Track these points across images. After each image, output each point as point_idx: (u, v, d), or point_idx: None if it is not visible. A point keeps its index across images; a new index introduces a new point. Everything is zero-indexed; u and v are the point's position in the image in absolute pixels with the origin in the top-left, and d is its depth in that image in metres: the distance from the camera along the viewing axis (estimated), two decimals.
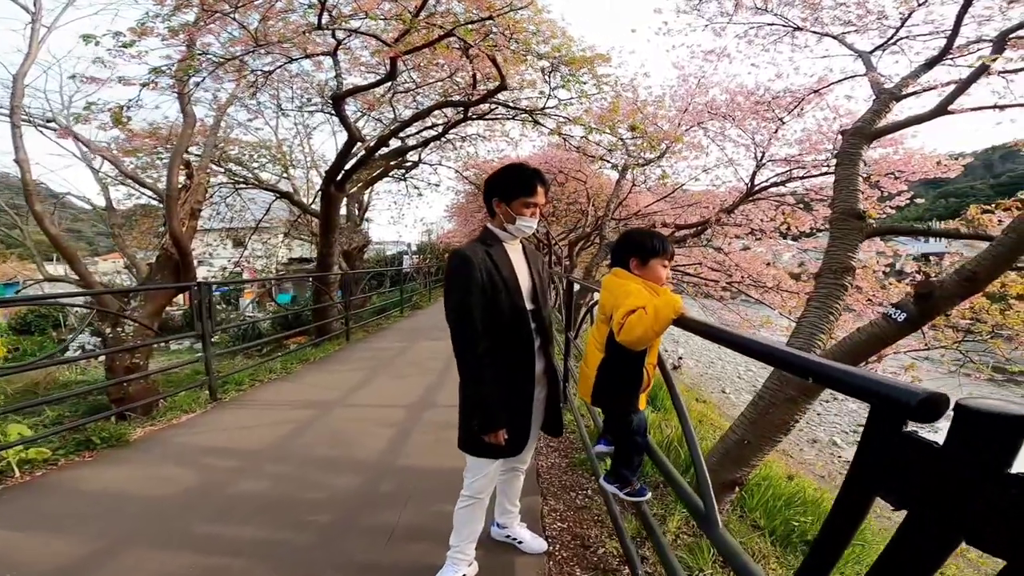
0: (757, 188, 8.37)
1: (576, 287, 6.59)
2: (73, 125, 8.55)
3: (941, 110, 3.45)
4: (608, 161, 9.07)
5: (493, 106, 8.86)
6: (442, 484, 3.07)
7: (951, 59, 3.84)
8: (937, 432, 0.63)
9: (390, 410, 4.74)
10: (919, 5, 3.97)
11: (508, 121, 9.55)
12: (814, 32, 4.70)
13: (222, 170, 11.48)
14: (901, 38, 4.36)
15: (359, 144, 8.82)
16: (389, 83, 9.91)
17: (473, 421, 1.88)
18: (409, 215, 74.78)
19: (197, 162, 8.68)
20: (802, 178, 8.17)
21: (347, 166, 8.33)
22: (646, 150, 7.65)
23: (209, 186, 11.88)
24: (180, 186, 7.99)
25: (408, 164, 14.16)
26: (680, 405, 1.80)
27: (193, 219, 7.99)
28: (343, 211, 14.39)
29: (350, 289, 9.62)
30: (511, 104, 8.42)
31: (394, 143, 11.07)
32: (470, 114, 8.89)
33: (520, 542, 2.45)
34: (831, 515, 0.75)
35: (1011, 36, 3.18)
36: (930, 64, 3.83)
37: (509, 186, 1.91)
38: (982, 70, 3.17)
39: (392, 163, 12.47)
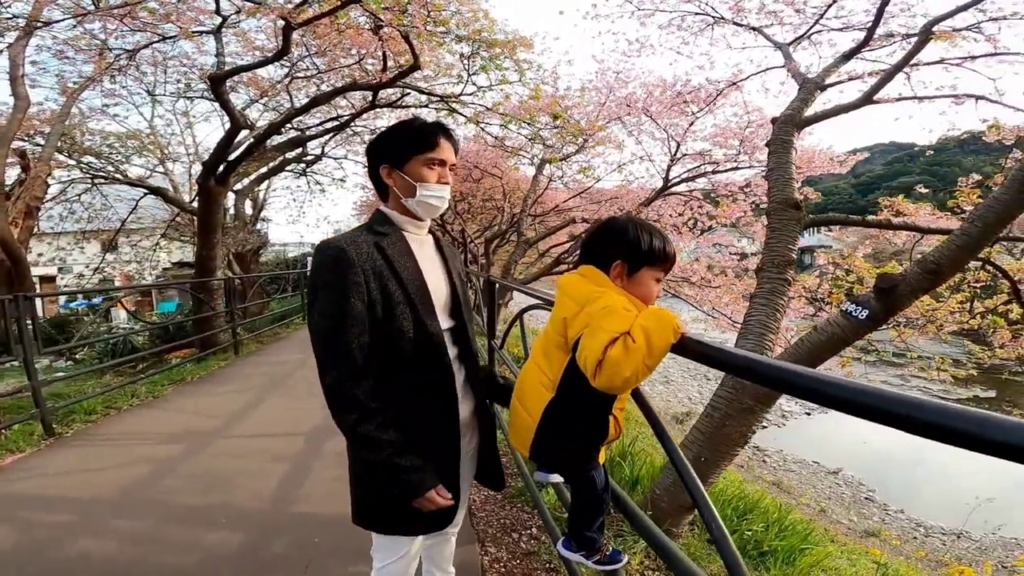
0: (671, 183, 8.48)
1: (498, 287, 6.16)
2: None
3: (868, 99, 3.45)
4: (526, 155, 8.76)
5: (405, 92, 8.19)
6: (354, 538, 2.42)
7: (869, 50, 3.88)
8: None
9: (284, 440, 3.97)
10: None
11: (422, 110, 8.90)
12: (736, 24, 4.63)
13: (74, 163, 9.71)
14: (817, 31, 4.40)
15: (246, 133, 7.76)
16: (287, 69, 9.02)
17: (393, 489, 1.27)
18: (311, 213, 70.34)
19: (38, 153, 7.19)
20: (712, 173, 8.39)
21: (230, 157, 7.24)
22: (566, 142, 7.40)
23: (59, 181, 10.10)
24: (16, 180, 6.56)
25: (309, 157, 13.00)
26: (665, 435, 1.34)
27: (29, 218, 6.55)
28: (231, 209, 12.91)
29: (237, 295, 8.47)
30: (424, 90, 7.78)
31: (292, 133, 10.02)
32: (379, 102, 8.14)
33: None
34: None
35: (935, 27, 3.16)
36: (849, 55, 3.87)
37: (400, 144, 1.32)
38: (910, 57, 3.14)
39: (289, 155, 11.28)
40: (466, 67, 6.82)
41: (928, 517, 7.17)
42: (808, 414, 11.75)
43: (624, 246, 1.20)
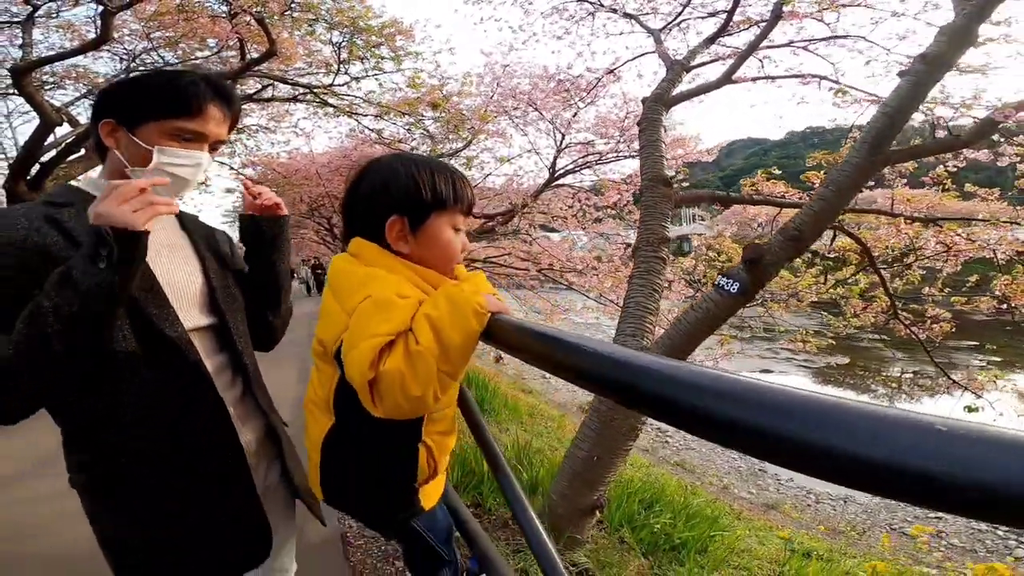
0: (558, 174, 8.55)
1: None
2: None
3: (727, 78, 3.56)
4: (406, 147, 8.38)
5: (267, 83, 7.44)
6: None
7: (729, 35, 4.08)
8: None
9: None
10: None
11: (298, 109, 8.13)
12: (613, 11, 4.72)
13: None
14: (685, 18, 4.59)
15: (70, 131, 6.57)
16: (125, 63, 7.85)
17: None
18: None
19: None
20: (596, 163, 8.59)
21: (44, 158, 6.12)
22: (451, 135, 7.14)
23: None
24: None
25: None
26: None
27: None
28: None
29: None
30: (290, 80, 7.10)
31: None
32: (240, 92, 7.29)
33: None
34: None
35: (784, 8, 3.32)
36: (711, 39, 4.03)
37: (142, 97, 0.93)
38: (763, 35, 3.29)
39: None
40: (337, 55, 6.32)
41: (815, 484, 7.56)
42: None
43: (397, 194, 0.87)
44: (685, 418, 0.39)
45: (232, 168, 11.90)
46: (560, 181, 8.80)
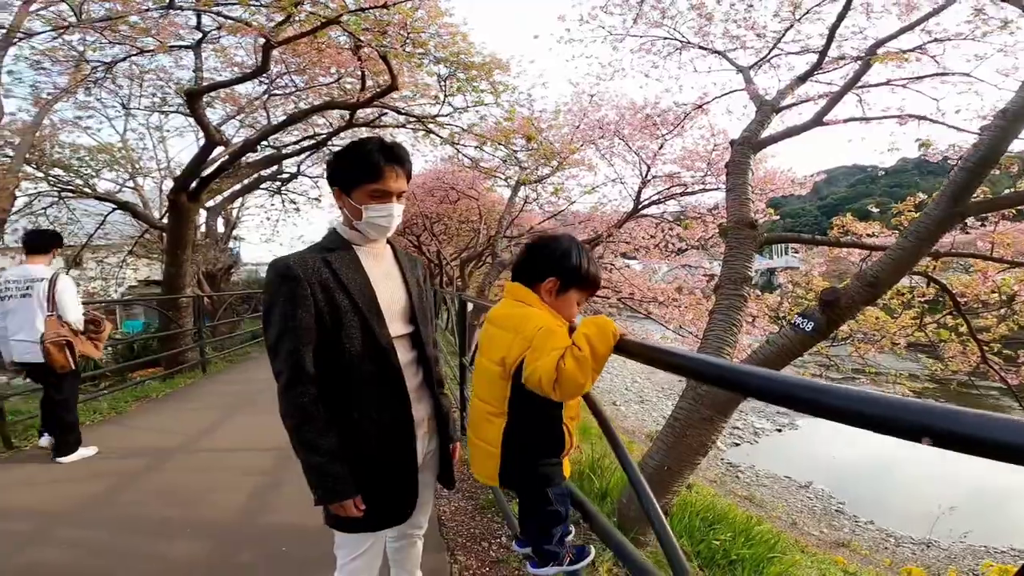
0: (642, 205, 8.71)
1: (470, 306, 6.23)
2: None
3: (818, 120, 3.65)
4: (501, 176, 8.91)
5: (382, 112, 8.30)
6: (322, 545, 2.42)
7: (820, 74, 4.12)
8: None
9: (252, 454, 3.91)
10: (796, 21, 4.23)
11: (399, 132, 9.01)
12: (702, 48, 4.89)
13: (42, 175, 9.49)
14: (776, 55, 4.68)
15: (221, 149, 7.74)
16: (265, 85, 9.04)
17: (316, 491, 1.33)
18: (285, 233, 69.15)
19: (7, 163, 7.05)
20: (681, 195, 8.66)
21: (204, 173, 7.20)
22: (540, 164, 7.58)
23: (25, 193, 9.85)
24: None
25: (284, 176, 12.93)
26: (615, 438, 1.44)
27: None
28: (202, 226, 12.71)
29: (204, 314, 8.34)
30: (402, 110, 7.90)
31: (268, 150, 10.01)
32: (356, 121, 8.22)
33: None
34: None
35: (879, 49, 3.40)
36: (803, 78, 4.09)
37: (349, 169, 1.37)
38: (856, 78, 3.37)
39: (264, 173, 11.23)
40: (443, 88, 6.96)
41: (897, 527, 7.34)
42: (779, 431, 12.02)
43: (563, 265, 1.30)
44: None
45: None
46: (644, 212, 8.92)
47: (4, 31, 5.29)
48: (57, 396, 3.74)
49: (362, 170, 1.35)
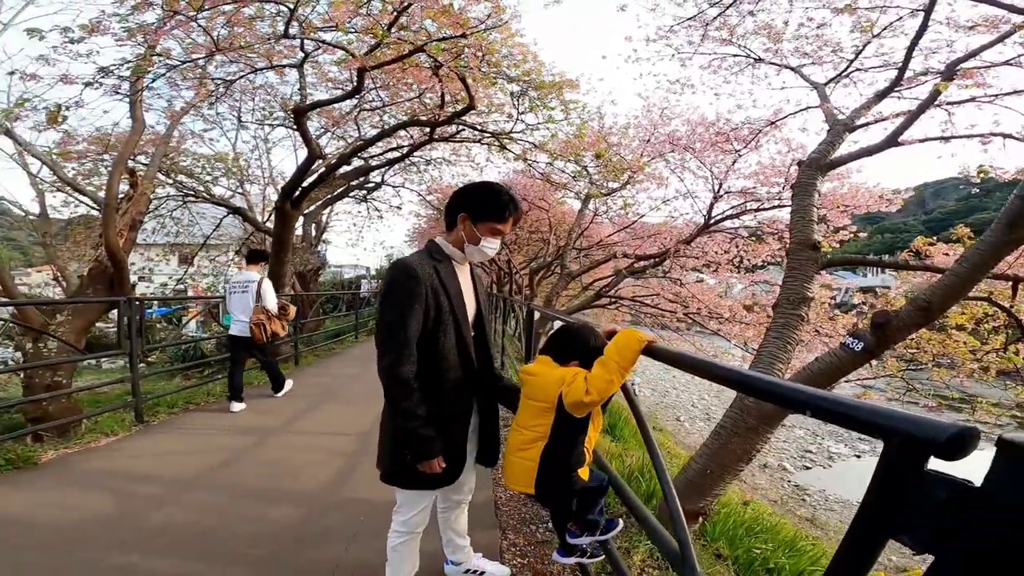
0: (714, 220, 8.57)
1: (536, 315, 6.52)
2: (7, 123, 7.95)
3: (892, 140, 3.53)
4: (571, 190, 9.14)
5: (459, 128, 8.81)
6: None
7: (900, 91, 3.97)
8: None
9: (337, 438, 4.44)
10: (874, 37, 4.15)
11: (474, 145, 9.52)
12: (774, 64, 4.86)
13: (171, 181, 10.93)
14: (854, 70, 4.54)
15: (319, 161, 8.57)
16: (355, 100, 9.86)
17: (405, 452, 1.70)
18: (369, 238, 73.61)
19: (144, 171, 8.23)
20: (756, 211, 8.44)
21: (305, 183, 8.04)
22: (609, 179, 7.74)
23: (155, 197, 11.33)
24: (122, 195, 7.53)
25: (370, 185, 13.92)
26: (648, 434, 1.71)
27: (132, 231, 7.48)
28: (299, 231, 13.95)
29: (301, 312, 9.22)
30: (478, 127, 8.39)
31: (356, 162, 10.88)
32: (436, 136, 8.81)
33: (482, 573, 2.28)
34: (840, 557, 0.65)
35: (959, 67, 3.34)
36: (881, 95, 3.95)
37: (483, 206, 1.74)
38: (932, 98, 3.29)
39: (353, 183, 12.20)
40: (516, 106, 7.31)
41: None
42: (858, 457, 11.30)
43: (584, 347, 1.68)
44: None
45: (420, 195, 14.00)
46: (718, 227, 8.78)
47: (161, 58, 6.18)
48: (262, 358, 5.81)
49: (494, 211, 1.74)
